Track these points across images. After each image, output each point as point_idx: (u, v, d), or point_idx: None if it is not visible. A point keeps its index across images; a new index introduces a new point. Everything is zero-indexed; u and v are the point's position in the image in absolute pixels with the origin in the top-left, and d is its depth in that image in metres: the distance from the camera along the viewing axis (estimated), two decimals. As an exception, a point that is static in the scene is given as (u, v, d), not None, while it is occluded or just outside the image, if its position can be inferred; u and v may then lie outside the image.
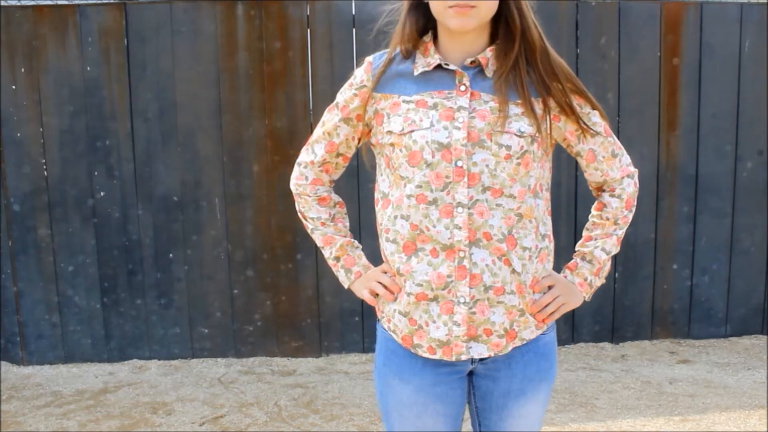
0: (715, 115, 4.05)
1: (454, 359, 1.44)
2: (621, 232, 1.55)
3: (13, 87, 3.83)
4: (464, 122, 1.36)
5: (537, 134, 1.40)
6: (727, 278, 4.18)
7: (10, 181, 3.88)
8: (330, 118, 1.53)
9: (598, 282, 1.56)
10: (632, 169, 1.55)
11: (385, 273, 1.50)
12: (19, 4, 3.81)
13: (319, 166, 1.57)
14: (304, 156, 1.59)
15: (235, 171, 3.90)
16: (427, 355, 1.44)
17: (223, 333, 4.00)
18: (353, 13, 3.82)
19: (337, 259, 1.59)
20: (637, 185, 1.56)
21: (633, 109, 3.98)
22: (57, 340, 3.99)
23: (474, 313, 1.41)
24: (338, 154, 1.55)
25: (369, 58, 1.48)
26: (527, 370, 1.48)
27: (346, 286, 1.60)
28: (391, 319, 1.49)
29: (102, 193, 3.91)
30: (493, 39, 1.43)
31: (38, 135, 3.86)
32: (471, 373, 1.51)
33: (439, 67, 1.41)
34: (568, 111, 1.43)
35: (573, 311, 4.06)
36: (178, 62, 3.83)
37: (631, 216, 1.55)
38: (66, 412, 3.38)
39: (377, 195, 1.51)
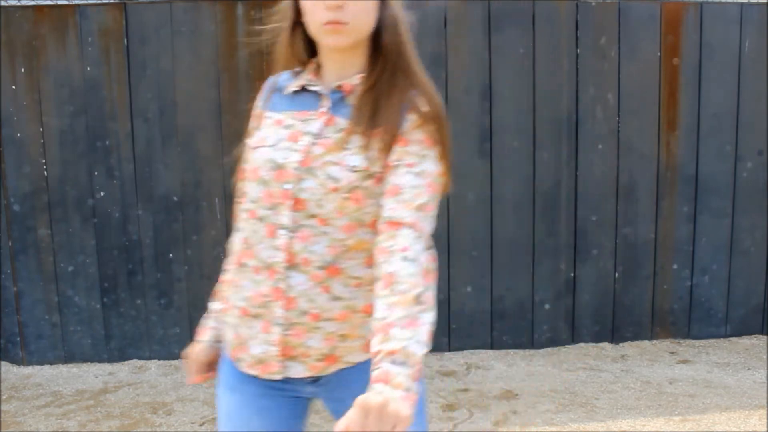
0: (715, 115, 4.05)
1: (266, 377, 1.38)
2: (429, 318, 1.15)
3: (13, 87, 3.83)
4: (305, 147, 1.31)
5: (377, 170, 1.27)
6: (727, 278, 4.18)
7: (10, 181, 3.88)
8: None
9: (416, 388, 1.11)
10: (430, 242, 1.28)
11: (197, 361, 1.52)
12: (19, 4, 3.81)
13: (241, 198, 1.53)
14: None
15: (235, 171, 3.90)
16: (246, 370, 1.40)
17: (223, 333, 4.00)
18: (353, 13, 3.81)
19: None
20: (436, 261, 1.31)
21: (633, 109, 3.98)
22: (57, 340, 3.99)
23: (289, 335, 1.34)
24: None
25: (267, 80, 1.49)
26: (344, 393, 1.35)
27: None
28: (225, 332, 1.47)
29: (102, 193, 3.91)
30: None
31: (38, 135, 3.86)
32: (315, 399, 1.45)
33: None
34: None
35: (573, 312, 4.06)
36: (178, 62, 3.83)
37: (432, 296, 1.19)
38: (66, 412, 3.38)
39: None
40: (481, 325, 4.06)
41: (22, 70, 3.82)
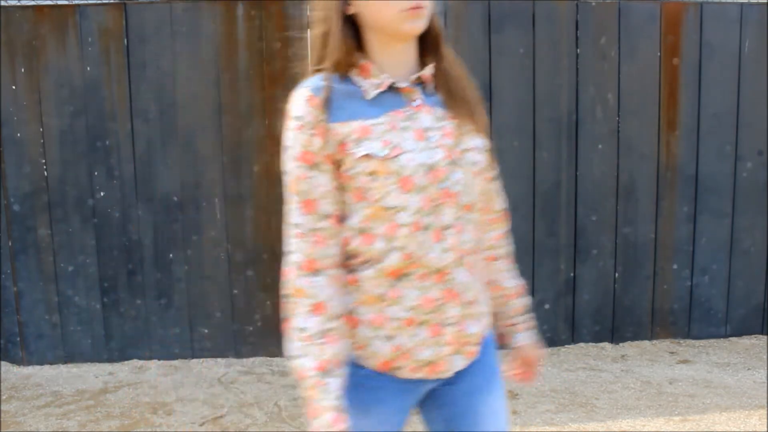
0: (715, 115, 4.05)
1: (435, 377, 1.38)
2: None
3: (13, 87, 3.83)
4: (438, 141, 1.30)
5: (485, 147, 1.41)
6: (727, 278, 4.18)
7: (10, 181, 3.88)
8: (293, 172, 1.28)
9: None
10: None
11: None
12: (19, 4, 3.81)
13: (312, 237, 1.29)
14: (291, 239, 1.31)
15: (235, 171, 3.90)
16: (408, 375, 1.36)
17: (223, 333, 4.00)
18: (353, 13, 3.81)
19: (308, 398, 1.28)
20: None
21: (633, 109, 3.98)
22: (57, 340, 3.99)
23: (461, 330, 1.36)
24: (324, 216, 1.28)
25: (305, 92, 1.30)
26: (482, 364, 1.44)
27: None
28: (367, 347, 1.34)
29: (102, 193, 3.91)
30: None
31: (38, 135, 3.86)
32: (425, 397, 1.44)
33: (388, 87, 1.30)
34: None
35: (573, 312, 4.06)
36: (178, 62, 3.83)
37: None
38: (66, 412, 3.38)
39: (347, 233, 1.30)
40: (481, 325, 4.05)
41: (22, 70, 3.82)
